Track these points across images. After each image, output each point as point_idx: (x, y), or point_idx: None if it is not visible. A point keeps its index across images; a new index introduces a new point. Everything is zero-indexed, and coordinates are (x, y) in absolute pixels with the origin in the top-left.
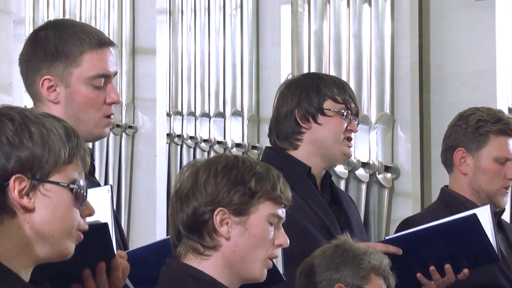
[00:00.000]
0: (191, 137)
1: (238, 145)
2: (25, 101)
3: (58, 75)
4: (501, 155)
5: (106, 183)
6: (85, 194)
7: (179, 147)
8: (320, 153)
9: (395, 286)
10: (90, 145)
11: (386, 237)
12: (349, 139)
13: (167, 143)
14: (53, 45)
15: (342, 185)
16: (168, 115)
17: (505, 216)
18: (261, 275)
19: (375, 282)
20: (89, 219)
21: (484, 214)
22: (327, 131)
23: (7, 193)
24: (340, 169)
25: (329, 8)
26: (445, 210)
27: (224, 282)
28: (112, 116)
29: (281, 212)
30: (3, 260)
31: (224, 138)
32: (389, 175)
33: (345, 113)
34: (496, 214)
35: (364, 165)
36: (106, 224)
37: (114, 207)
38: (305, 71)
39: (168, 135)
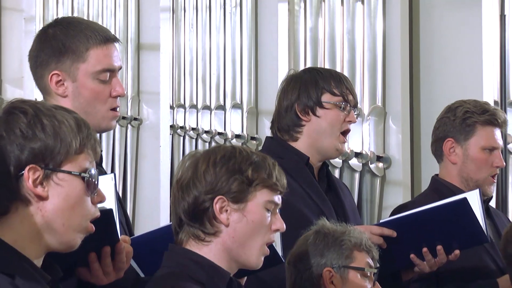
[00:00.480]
0: (193, 129)
1: (237, 136)
2: (36, 94)
3: (65, 70)
4: (488, 145)
5: (112, 172)
6: (96, 182)
7: (181, 138)
8: (316, 146)
9: (389, 267)
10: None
11: (381, 220)
12: (345, 132)
13: (170, 134)
14: (61, 42)
15: (336, 174)
16: (171, 107)
17: (492, 204)
18: (257, 263)
19: (359, 258)
20: None
21: (473, 198)
22: (325, 123)
23: (22, 183)
24: (334, 159)
25: (324, 6)
26: (435, 198)
27: (223, 266)
28: (118, 109)
29: (277, 198)
30: (18, 246)
31: (225, 129)
32: (381, 164)
33: (342, 105)
34: (484, 202)
35: (357, 155)
36: (111, 210)
37: (120, 195)
38: (302, 66)
39: (171, 126)
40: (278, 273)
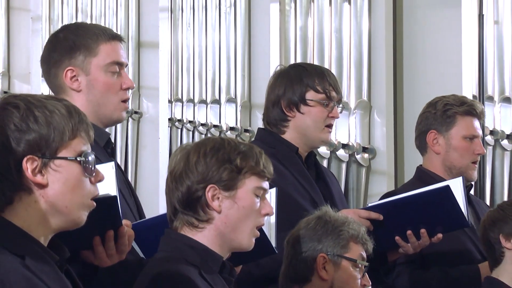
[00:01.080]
0: (190, 122)
1: (232, 129)
2: (42, 90)
3: (78, 65)
4: (468, 133)
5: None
6: (92, 163)
7: (179, 130)
8: (303, 138)
9: (375, 248)
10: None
11: (369, 204)
12: (329, 126)
13: (168, 127)
14: (72, 41)
15: (324, 165)
16: (170, 102)
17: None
18: (248, 244)
19: (354, 249)
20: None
21: (456, 185)
22: (309, 120)
23: (22, 173)
24: (322, 149)
25: (313, 6)
26: (420, 187)
27: (216, 251)
28: (127, 102)
29: (265, 184)
30: (26, 230)
31: (220, 122)
32: (366, 155)
33: (325, 103)
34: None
35: (344, 146)
36: (115, 197)
37: (128, 181)
38: (292, 62)
39: (169, 119)
40: (275, 256)
